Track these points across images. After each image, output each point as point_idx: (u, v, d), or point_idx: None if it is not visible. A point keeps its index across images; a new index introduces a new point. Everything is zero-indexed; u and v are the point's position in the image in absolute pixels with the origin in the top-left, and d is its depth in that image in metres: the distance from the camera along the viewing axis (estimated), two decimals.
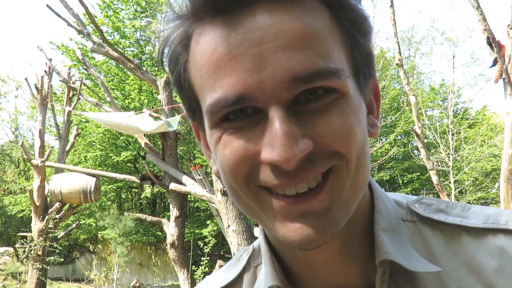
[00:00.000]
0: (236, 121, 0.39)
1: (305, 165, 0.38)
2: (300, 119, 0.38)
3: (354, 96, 0.41)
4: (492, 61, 5.31)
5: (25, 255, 9.27)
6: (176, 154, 6.84)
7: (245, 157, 0.39)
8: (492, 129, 16.70)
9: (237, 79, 0.38)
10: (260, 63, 0.37)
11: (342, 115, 0.39)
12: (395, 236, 0.46)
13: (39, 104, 9.85)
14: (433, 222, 0.49)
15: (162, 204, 17.93)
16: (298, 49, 0.37)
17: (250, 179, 0.40)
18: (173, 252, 6.65)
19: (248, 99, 0.38)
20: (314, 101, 0.38)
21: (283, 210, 0.40)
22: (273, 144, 0.37)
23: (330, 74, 0.38)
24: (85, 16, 8.32)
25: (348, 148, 0.39)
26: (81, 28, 6.97)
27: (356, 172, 0.40)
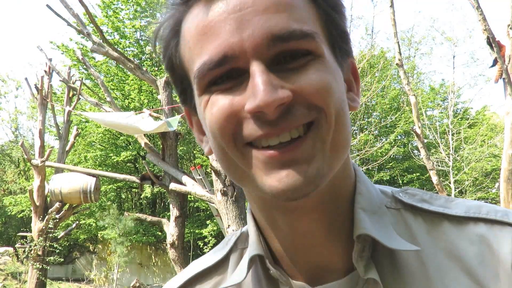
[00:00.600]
0: (222, 84, 0.42)
1: (285, 115, 0.40)
2: (279, 75, 0.41)
3: (329, 60, 0.43)
4: (492, 61, 5.31)
5: (25, 255, 9.27)
6: (176, 154, 6.83)
7: (231, 112, 0.41)
8: (492, 129, 16.69)
9: (220, 41, 0.41)
10: (240, 25, 0.40)
11: (318, 72, 0.41)
12: (376, 218, 0.47)
13: (39, 104, 9.85)
14: (416, 210, 0.50)
15: (162, 204, 17.93)
16: (274, 13, 0.41)
17: (237, 137, 0.42)
18: (173, 252, 6.65)
19: (231, 57, 0.40)
20: (291, 61, 0.41)
21: (268, 161, 0.41)
22: (255, 93, 0.39)
23: (305, 35, 0.41)
24: (85, 16, 8.32)
25: (326, 102, 0.41)
26: (81, 28, 6.97)
27: (336, 128, 0.42)
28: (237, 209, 5.21)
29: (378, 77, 15.84)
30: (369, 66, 16.01)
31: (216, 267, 0.56)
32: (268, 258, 0.49)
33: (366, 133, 13.70)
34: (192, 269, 0.57)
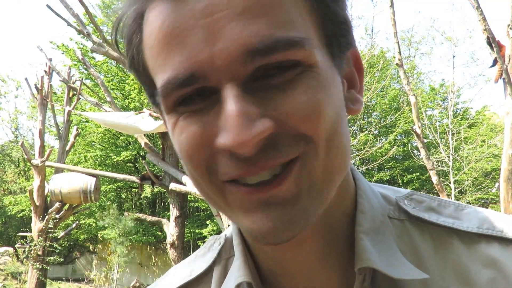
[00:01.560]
0: (191, 104, 0.35)
1: (266, 150, 0.33)
2: (258, 98, 0.33)
3: (324, 69, 0.35)
4: (492, 61, 5.31)
5: (25, 255, 9.27)
6: (176, 154, 6.82)
7: (201, 145, 0.34)
8: (492, 129, 16.69)
9: (186, 55, 0.33)
10: (211, 35, 0.32)
11: (308, 90, 0.34)
12: (378, 238, 0.42)
13: (39, 104, 9.85)
14: (423, 223, 0.45)
15: (162, 204, 17.92)
16: (254, 17, 0.32)
17: (212, 172, 0.35)
18: (173, 252, 6.65)
19: (200, 77, 0.33)
20: (275, 76, 0.33)
21: (245, 200, 0.35)
22: (226, 127, 0.32)
23: (292, 44, 0.33)
24: (85, 16, 8.33)
25: (316, 129, 0.34)
26: (81, 28, 6.97)
27: (328, 156, 0.35)
28: None
29: (378, 77, 15.84)
30: (369, 66, 16.01)
31: (199, 280, 0.49)
32: (258, 286, 0.43)
33: (366, 133, 13.70)
34: (172, 280, 0.50)
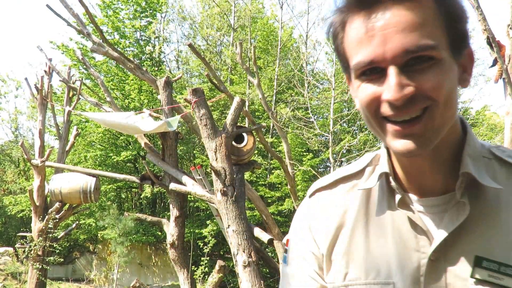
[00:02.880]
0: (369, 76, 0.62)
1: (408, 103, 0.59)
2: (408, 75, 0.59)
3: (447, 62, 0.61)
4: (492, 61, 5.31)
5: (25, 255, 9.26)
6: (176, 154, 6.82)
7: (374, 97, 0.62)
8: (492, 129, 16.69)
9: (370, 49, 0.60)
10: (384, 41, 0.59)
11: (435, 74, 0.59)
12: (475, 162, 0.68)
13: (39, 104, 9.84)
14: (503, 161, 0.70)
15: (162, 204, 17.92)
16: (409, 32, 0.59)
17: (377, 112, 0.63)
18: (173, 252, 6.65)
19: (376, 62, 0.60)
20: (419, 64, 0.59)
21: (395, 132, 0.62)
22: (389, 89, 0.59)
23: (430, 48, 0.59)
24: (85, 16, 8.32)
25: (438, 95, 0.60)
26: (81, 28, 6.97)
27: (444, 110, 0.61)
28: (237, 209, 5.20)
29: None
30: None
31: (356, 174, 0.79)
32: (392, 175, 0.72)
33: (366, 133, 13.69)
34: (339, 173, 0.81)
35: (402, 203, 0.70)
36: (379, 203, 0.73)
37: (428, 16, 0.60)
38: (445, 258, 0.66)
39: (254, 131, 6.31)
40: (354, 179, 0.79)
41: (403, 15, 0.59)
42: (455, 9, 0.63)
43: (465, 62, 0.67)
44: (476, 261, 0.64)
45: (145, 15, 17.09)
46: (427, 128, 0.61)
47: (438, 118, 0.61)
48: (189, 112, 6.30)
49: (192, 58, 18.89)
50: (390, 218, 0.71)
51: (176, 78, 7.44)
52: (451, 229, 0.65)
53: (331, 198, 0.79)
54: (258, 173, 15.23)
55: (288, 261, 0.82)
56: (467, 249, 0.65)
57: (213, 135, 5.44)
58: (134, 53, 16.92)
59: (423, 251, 0.67)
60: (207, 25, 18.56)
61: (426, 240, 0.67)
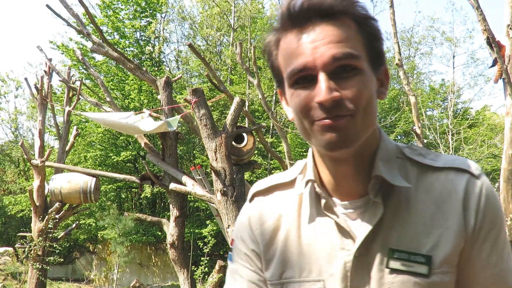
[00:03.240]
0: (301, 84, 0.70)
1: (336, 106, 0.67)
2: (335, 81, 0.67)
3: (368, 73, 0.70)
4: (492, 61, 5.31)
5: (25, 255, 9.25)
6: (176, 154, 6.82)
7: (307, 101, 0.69)
8: (492, 129, 16.68)
9: (301, 59, 0.68)
10: (314, 51, 0.68)
11: (358, 83, 0.68)
12: (388, 164, 0.76)
13: (39, 104, 9.84)
14: (414, 161, 0.78)
15: (162, 204, 17.92)
16: (335, 44, 0.67)
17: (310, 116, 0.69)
18: (173, 252, 6.65)
19: (307, 69, 0.68)
20: (344, 73, 0.68)
21: (322, 126, 0.68)
22: (320, 92, 0.67)
23: (353, 56, 0.67)
24: (85, 16, 8.31)
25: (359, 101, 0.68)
26: (81, 28, 6.97)
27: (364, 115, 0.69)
28: (237, 209, 5.20)
29: None
30: None
31: (289, 182, 0.87)
32: (316, 182, 0.79)
33: None
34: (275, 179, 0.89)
35: (327, 207, 0.78)
36: (309, 208, 0.80)
37: (350, 34, 0.69)
38: (367, 253, 0.74)
39: (254, 131, 6.31)
40: (288, 187, 0.87)
41: (329, 31, 0.68)
42: (373, 30, 0.72)
43: (382, 78, 0.76)
44: (390, 253, 0.73)
45: (145, 15, 17.09)
46: (349, 126, 0.68)
47: (359, 121, 0.68)
48: (189, 112, 6.29)
49: (192, 58, 18.89)
50: (318, 221, 0.79)
51: (176, 78, 7.44)
52: (369, 228, 0.73)
53: (268, 203, 0.87)
54: (258, 173, 15.24)
55: (233, 258, 0.90)
56: (384, 243, 0.73)
57: (213, 135, 5.44)
58: (134, 53, 16.91)
59: (348, 249, 0.75)
60: (207, 25, 18.56)
61: (350, 240, 0.75)
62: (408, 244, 0.72)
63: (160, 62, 17.91)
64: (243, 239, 0.88)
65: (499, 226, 0.75)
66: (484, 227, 0.73)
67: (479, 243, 0.73)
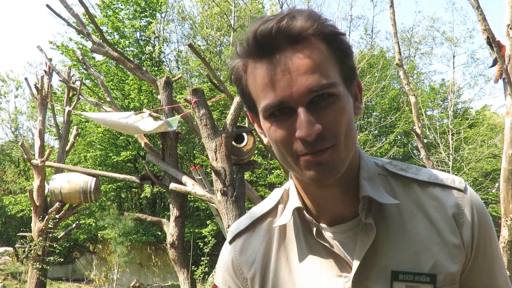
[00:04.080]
0: (279, 116, 0.67)
1: (318, 139, 0.65)
2: (314, 112, 0.65)
3: (344, 95, 0.68)
4: (492, 61, 5.30)
5: (25, 255, 9.25)
6: (176, 154, 6.82)
7: (288, 136, 0.67)
8: (492, 129, 16.67)
9: (277, 93, 0.65)
10: (290, 84, 0.65)
11: (337, 109, 0.66)
12: (372, 183, 0.74)
13: (39, 104, 9.84)
14: (397, 176, 0.78)
15: (162, 204, 17.92)
16: (311, 74, 0.65)
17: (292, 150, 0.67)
18: (173, 252, 6.65)
19: (284, 103, 0.65)
20: (321, 101, 0.66)
21: (307, 162, 0.67)
22: (301, 127, 0.64)
23: (330, 86, 0.65)
24: (85, 16, 8.31)
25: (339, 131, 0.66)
26: (81, 28, 6.97)
27: (346, 141, 0.67)
28: (237, 209, 5.20)
29: (378, 77, 15.83)
30: (368, 66, 16.00)
31: (269, 212, 0.84)
32: (304, 209, 0.76)
33: (366, 133, 13.70)
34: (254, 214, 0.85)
35: (318, 234, 0.75)
36: (296, 238, 0.78)
37: (323, 58, 0.66)
38: (366, 278, 0.71)
39: (254, 131, 6.31)
40: (269, 217, 0.83)
41: (302, 59, 0.65)
42: (343, 47, 0.69)
43: (356, 92, 0.75)
44: (393, 276, 0.70)
45: (144, 15, 17.09)
46: (335, 158, 0.67)
47: (343, 150, 0.67)
48: (189, 112, 6.30)
49: (192, 58, 18.89)
50: (309, 250, 0.76)
51: (176, 78, 7.43)
52: (364, 251, 0.71)
53: (251, 241, 0.83)
54: (258, 173, 15.24)
55: None
56: (383, 266, 0.71)
57: (213, 135, 5.44)
58: (134, 53, 16.91)
59: (345, 275, 0.73)
60: (207, 25, 18.56)
61: (346, 265, 0.73)
62: (409, 264, 0.71)
63: (160, 62, 17.91)
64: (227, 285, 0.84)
65: (493, 235, 0.75)
66: (481, 240, 0.73)
67: (479, 256, 0.74)
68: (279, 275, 0.78)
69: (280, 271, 0.78)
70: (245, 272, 0.81)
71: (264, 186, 15.38)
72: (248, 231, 0.84)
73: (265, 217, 0.84)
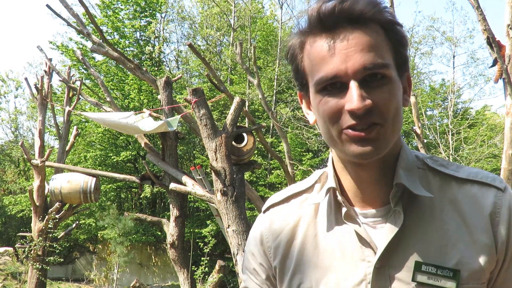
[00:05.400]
0: (330, 91, 0.69)
1: (367, 114, 0.66)
2: (366, 90, 0.67)
3: (396, 80, 0.70)
4: (492, 61, 5.30)
5: (25, 255, 9.25)
6: (176, 154, 6.82)
7: (337, 109, 0.68)
8: (492, 129, 16.66)
9: (332, 66, 0.67)
10: (345, 59, 0.67)
11: (388, 91, 0.68)
12: (409, 173, 0.75)
13: (39, 104, 9.83)
14: (436, 171, 0.78)
15: (162, 204, 17.91)
16: (367, 52, 0.67)
17: (338, 124, 0.69)
18: (173, 252, 6.65)
19: (338, 77, 0.67)
20: (375, 81, 0.67)
21: (354, 137, 0.68)
22: (351, 100, 0.66)
23: (383, 66, 0.67)
24: (85, 16, 8.31)
25: (388, 110, 0.68)
26: (81, 28, 6.97)
27: (393, 123, 0.69)
28: (237, 209, 5.20)
29: None
30: None
31: (306, 190, 0.86)
32: (338, 190, 0.77)
33: None
34: (291, 189, 0.88)
35: (348, 216, 0.76)
36: (327, 217, 0.79)
37: (379, 41, 0.69)
38: (389, 265, 0.72)
39: (254, 131, 6.31)
40: (305, 194, 0.86)
41: (360, 38, 0.67)
42: (400, 37, 0.71)
43: (405, 84, 0.76)
44: (416, 266, 0.70)
45: (144, 15, 17.09)
46: (380, 136, 0.68)
47: (389, 132, 0.69)
48: (189, 112, 6.29)
49: (192, 58, 18.89)
50: (338, 231, 0.77)
51: (176, 78, 7.43)
52: (390, 238, 0.71)
53: (283, 213, 0.85)
54: (258, 173, 15.23)
55: (243, 270, 0.91)
56: (408, 255, 0.71)
57: (213, 135, 5.44)
58: (134, 53, 16.91)
59: (368, 260, 0.73)
60: (206, 25, 18.55)
61: (371, 250, 0.73)
62: (434, 257, 0.70)
63: (160, 62, 17.91)
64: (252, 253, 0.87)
65: None
66: None
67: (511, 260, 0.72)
68: (305, 250, 0.79)
69: (306, 246, 0.80)
70: (270, 241, 0.84)
71: (264, 186, 15.38)
72: (282, 204, 0.87)
73: (301, 193, 0.86)
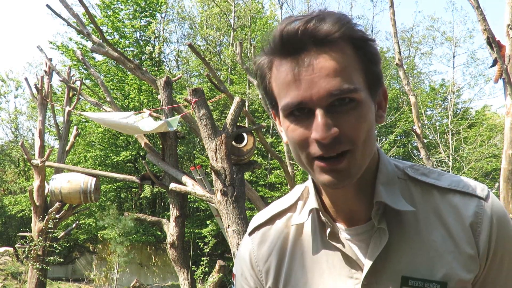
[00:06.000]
0: (298, 117, 0.67)
1: (334, 142, 0.64)
2: (333, 116, 0.65)
3: (366, 102, 0.67)
4: (492, 61, 5.30)
5: (25, 255, 9.25)
6: (176, 154, 6.82)
7: (304, 137, 0.67)
8: (492, 129, 16.66)
9: (298, 93, 0.65)
10: (311, 85, 0.64)
11: (357, 115, 0.65)
12: (389, 187, 0.74)
13: (39, 104, 9.83)
14: (417, 181, 0.77)
15: (162, 204, 17.91)
16: (332, 77, 0.64)
17: (308, 152, 0.67)
18: (173, 252, 6.65)
19: (304, 103, 0.65)
20: (342, 106, 0.65)
21: (322, 168, 0.67)
22: (317, 129, 0.64)
23: (351, 91, 0.64)
24: (85, 16, 8.31)
25: (358, 137, 0.66)
26: (81, 28, 6.97)
27: (364, 148, 0.67)
28: (237, 209, 5.20)
29: None
30: None
31: (289, 208, 0.86)
32: (321, 210, 0.77)
33: None
34: (274, 208, 0.88)
35: (332, 236, 0.76)
36: (313, 237, 0.79)
37: (348, 62, 0.66)
38: (376, 281, 0.72)
39: (254, 131, 6.31)
40: (288, 213, 0.85)
41: (325, 62, 0.64)
42: (371, 54, 0.69)
43: (380, 100, 0.74)
44: (403, 281, 0.70)
45: (144, 15, 17.08)
46: (350, 165, 0.66)
47: (360, 157, 0.67)
48: (189, 112, 6.29)
49: (192, 58, 18.89)
50: (324, 250, 0.78)
51: (176, 78, 7.43)
52: (376, 255, 0.71)
53: (269, 234, 0.85)
54: (258, 173, 15.23)
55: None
56: (394, 271, 0.71)
57: (213, 135, 5.44)
58: (134, 53, 16.91)
59: (356, 277, 0.74)
60: (206, 25, 18.55)
61: (358, 267, 0.74)
62: (421, 271, 0.70)
63: (160, 62, 17.91)
64: (245, 277, 0.87)
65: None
66: (498, 251, 0.71)
67: (494, 269, 0.72)
68: (293, 270, 0.80)
69: (294, 266, 0.80)
70: (260, 264, 0.84)
71: (264, 186, 15.38)
72: (267, 225, 0.86)
73: (285, 212, 0.86)
